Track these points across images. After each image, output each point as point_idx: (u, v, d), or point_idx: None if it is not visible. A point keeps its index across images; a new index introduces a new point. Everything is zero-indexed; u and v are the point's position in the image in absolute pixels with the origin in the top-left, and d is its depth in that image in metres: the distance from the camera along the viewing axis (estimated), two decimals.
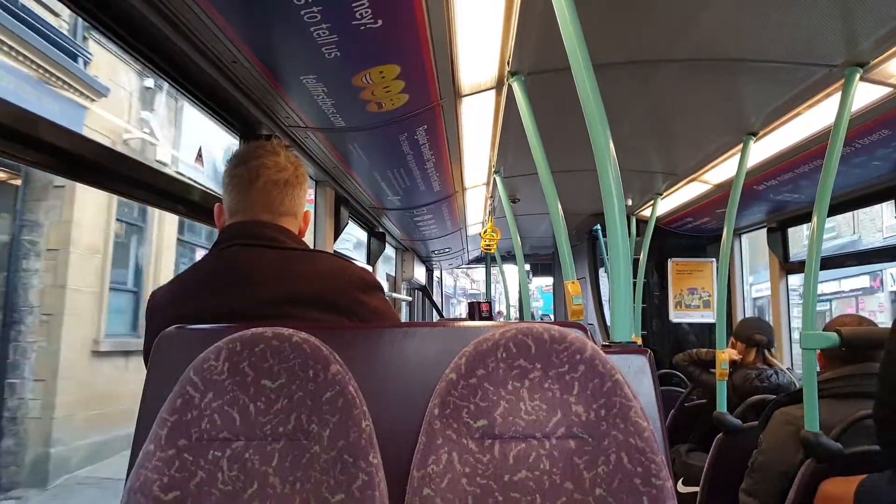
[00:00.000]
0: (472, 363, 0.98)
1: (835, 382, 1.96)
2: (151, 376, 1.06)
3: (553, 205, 2.03)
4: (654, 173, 3.69)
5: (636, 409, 0.94)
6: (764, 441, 2.04)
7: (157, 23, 1.44)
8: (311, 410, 0.96)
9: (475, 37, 1.83)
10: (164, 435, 0.93)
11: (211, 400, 0.96)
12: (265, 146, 1.34)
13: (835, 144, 2.01)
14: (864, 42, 1.85)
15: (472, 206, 4.62)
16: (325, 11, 1.43)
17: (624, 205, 1.33)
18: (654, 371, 1.07)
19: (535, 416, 0.96)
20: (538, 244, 7.22)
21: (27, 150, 1.27)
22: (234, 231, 1.26)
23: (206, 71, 1.70)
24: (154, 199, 1.78)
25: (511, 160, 3.26)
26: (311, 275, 1.21)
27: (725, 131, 2.79)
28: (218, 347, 0.98)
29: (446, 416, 0.96)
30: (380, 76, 1.84)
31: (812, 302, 2.04)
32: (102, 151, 1.50)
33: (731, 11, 1.76)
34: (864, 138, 2.50)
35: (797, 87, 2.22)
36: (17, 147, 1.25)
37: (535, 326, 1.00)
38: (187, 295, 1.22)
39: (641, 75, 2.23)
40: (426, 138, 2.57)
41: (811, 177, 3.02)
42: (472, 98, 2.31)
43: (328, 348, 0.99)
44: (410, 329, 1.09)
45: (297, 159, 1.38)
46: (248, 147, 1.36)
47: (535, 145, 2.03)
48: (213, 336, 1.01)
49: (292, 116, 2.14)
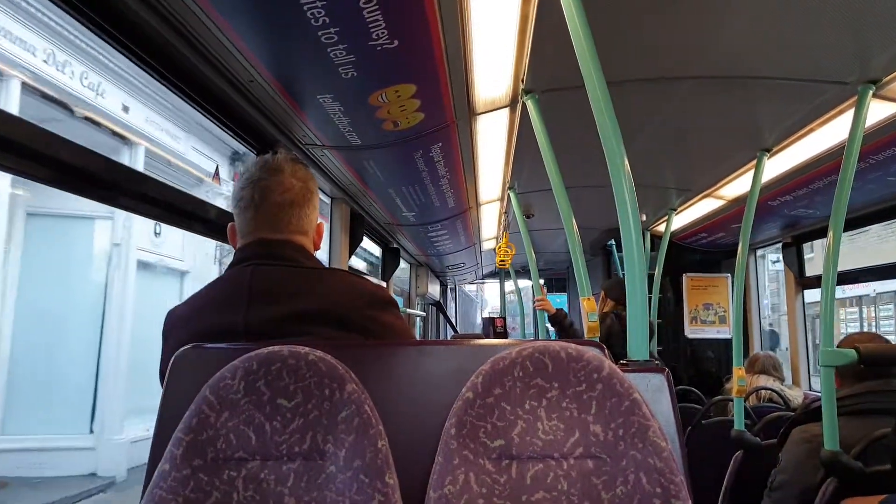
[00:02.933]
0: (489, 382, 0.98)
1: (853, 399, 1.93)
2: (168, 395, 1.07)
3: (568, 220, 2.03)
4: (668, 189, 3.68)
5: (654, 428, 0.93)
6: (783, 460, 2.01)
7: (176, 43, 1.46)
8: (326, 430, 0.95)
9: (490, 56, 1.85)
10: (179, 454, 0.93)
11: (227, 419, 0.96)
12: (270, 164, 1.31)
13: (849, 160, 2.00)
14: (876, 60, 1.85)
15: (486, 221, 4.62)
16: (342, 32, 1.45)
17: (639, 220, 1.33)
18: (672, 389, 1.06)
19: (552, 436, 0.96)
20: (553, 259, 7.21)
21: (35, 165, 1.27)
22: (250, 250, 1.27)
23: (223, 90, 1.72)
24: (169, 217, 1.79)
25: (525, 176, 3.26)
26: (324, 292, 1.21)
27: (739, 147, 2.78)
28: (234, 366, 0.98)
29: (463, 435, 0.95)
30: (396, 95, 1.86)
31: (830, 318, 2.02)
32: (118, 168, 1.52)
33: (744, 29, 1.76)
34: (878, 154, 2.49)
35: (810, 104, 2.21)
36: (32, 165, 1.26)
37: (552, 345, 0.99)
38: (203, 313, 1.23)
39: (656, 92, 2.23)
40: (441, 155, 2.58)
41: (826, 192, 3.00)
42: (486, 116, 2.32)
43: (344, 367, 0.99)
44: (426, 347, 1.10)
45: (306, 172, 1.35)
46: (255, 165, 1.33)
47: (550, 162, 2.03)
48: (230, 354, 1.01)
49: (309, 135, 2.16)
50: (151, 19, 1.36)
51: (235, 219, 1.33)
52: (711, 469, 2.89)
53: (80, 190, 1.44)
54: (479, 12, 1.59)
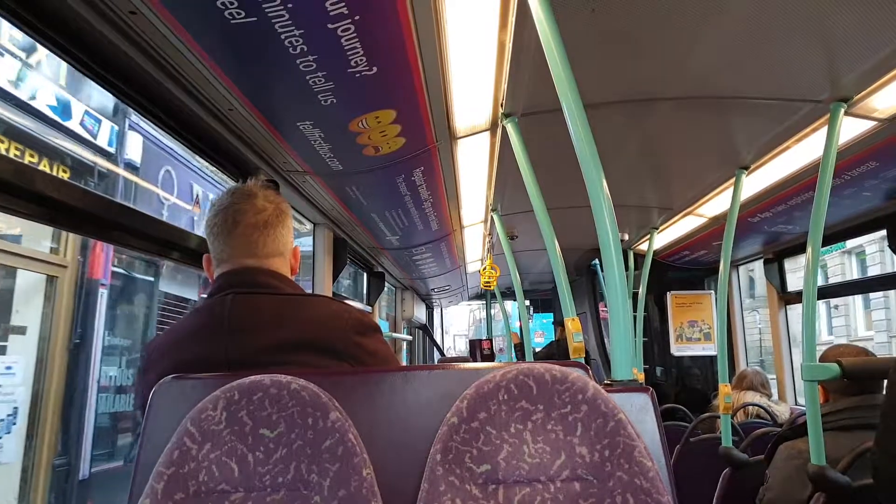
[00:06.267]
0: (474, 406, 0.97)
1: (838, 415, 1.93)
2: (148, 427, 1.05)
3: (550, 241, 2.04)
4: (649, 208, 3.72)
5: (640, 448, 0.93)
6: (770, 477, 2.01)
7: (153, 73, 1.46)
8: (310, 459, 0.94)
9: (468, 81, 1.86)
10: (160, 489, 0.91)
11: (209, 451, 0.94)
12: (241, 190, 1.32)
13: (824, 177, 2.03)
14: (847, 78, 1.90)
15: (470, 243, 4.63)
16: (320, 60, 1.46)
17: (619, 242, 1.33)
18: (656, 408, 1.06)
19: (538, 459, 0.95)
20: (538, 280, 7.22)
21: (23, 202, 1.27)
22: (228, 279, 1.25)
23: (203, 118, 1.73)
24: (149, 247, 1.78)
25: (508, 198, 3.28)
26: (307, 319, 1.20)
27: (718, 166, 2.83)
28: (215, 397, 0.97)
29: (448, 461, 0.94)
30: (376, 121, 1.87)
31: (812, 332, 2.03)
32: (95, 201, 1.51)
33: (719, 50, 1.80)
34: (852, 170, 2.54)
35: (786, 123, 2.26)
36: (15, 200, 1.25)
37: (536, 367, 0.99)
38: (183, 343, 1.21)
39: (635, 113, 2.26)
40: (423, 179, 2.59)
41: (804, 208, 3.05)
42: (467, 140, 2.34)
43: (327, 395, 0.98)
44: (410, 373, 1.08)
45: (277, 195, 1.35)
46: (225, 194, 1.33)
47: (531, 183, 2.04)
48: (210, 385, 1.00)
49: (289, 162, 2.16)
50: (129, 50, 1.36)
51: (210, 247, 1.31)
52: (701, 486, 2.88)
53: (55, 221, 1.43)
54: (457, 38, 1.61)
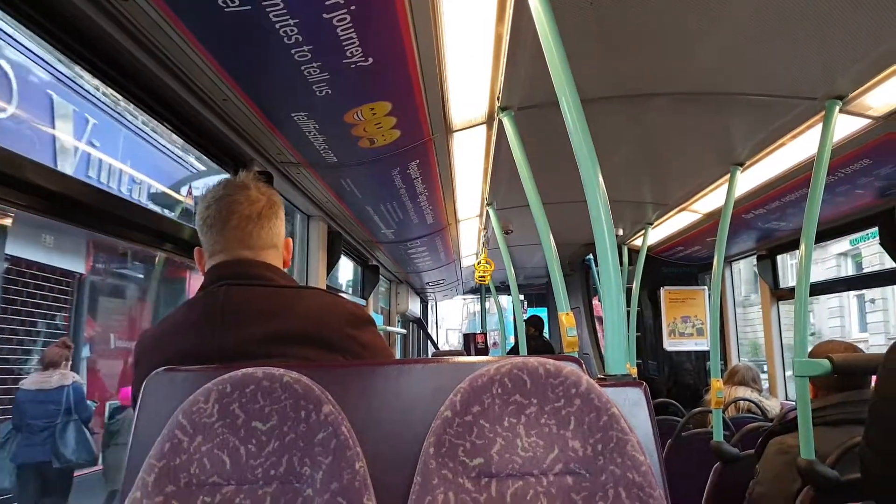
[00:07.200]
0: (468, 400, 0.97)
1: (828, 410, 1.95)
2: (140, 420, 1.04)
3: (545, 236, 2.03)
4: (644, 203, 3.73)
5: (633, 442, 0.93)
6: (760, 472, 2.02)
7: (148, 63, 1.45)
8: (303, 452, 0.94)
9: (465, 73, 1.86)
10: (151, 481, 0.91)
11: (200, 444, 0.94)
12: (233, 182, 1.30)
13: (818, 174, 2.04)
14: (842, 76, 1.90)
15: (465, 237, 4.63)
16: (315, 50, 1.45)
17: (614, 237, 1.33)
18: (649, 403, 1.06)
19: (531, 453, 0.95)
20: (532, 274, 7.23)
21: (15, 192, 1.26)
22: (221, 271, 1.24)
23: (197, 109, 1.71)
24: (141, 238, 1.77)
25: (503, 192, 3.28)
26: (300, 312, 1.19)
27: (713, 162, 2.83)
28: (207, 389, 0.96)
29: (442, 454, 0.94)
30: (371, 113, 1.86)
31: (803, 329, 2.04)
32: (89, 192, 1.50)
33: (715, 47, 1.80)
34: (846, 168, 2.55)
35: (780, 120, 2.26)
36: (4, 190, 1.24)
37: (530, 361, 0.99)
38: (175, 336, 1.20)
39: (631, 109, 2.26)
40: (419, 172, 2.58)
41: (798, 205, 3.06)
42: (463, 133, 2.33)
43: (320, 388, 0.97)
44: (405, 366, 1.08)
45: (269, 187, 1.34)
46: (217, 186, 1.31)
47: (527, 178, 2.04)
48: (202, 377, 0.99)
49: (284, 153, 2.15)
50: (121, 38, 1.35)
51: (202, 240, 1.29)
52: (692, 481, 2.90)
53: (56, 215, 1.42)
54: (453, 30, 1.60)
